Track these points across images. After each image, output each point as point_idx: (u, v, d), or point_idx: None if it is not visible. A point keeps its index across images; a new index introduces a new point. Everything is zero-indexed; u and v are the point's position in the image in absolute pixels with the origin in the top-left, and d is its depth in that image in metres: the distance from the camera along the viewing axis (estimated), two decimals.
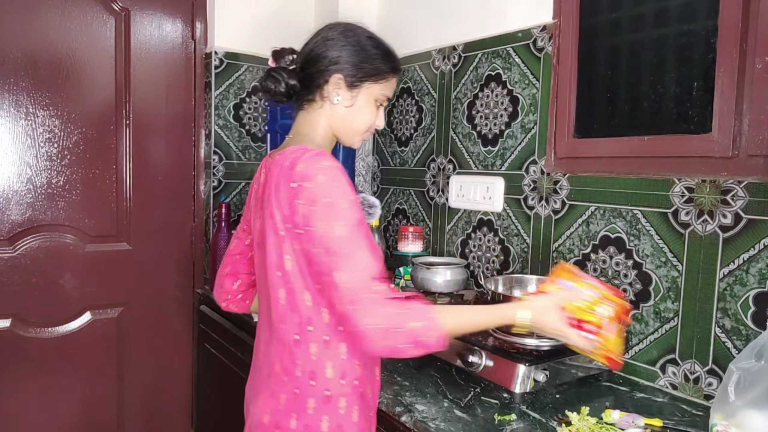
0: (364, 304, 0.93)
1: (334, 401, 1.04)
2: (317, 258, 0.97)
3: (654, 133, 1.41)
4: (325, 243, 0.96)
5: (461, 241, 1.98)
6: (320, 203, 0.97)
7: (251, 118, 2.36)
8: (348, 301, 0.93)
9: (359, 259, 0.96)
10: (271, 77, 1.15)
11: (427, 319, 0.94)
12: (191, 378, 2.36)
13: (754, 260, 1.22)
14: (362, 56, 1.14)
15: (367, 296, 0.93)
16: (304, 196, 0.98)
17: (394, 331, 0.92)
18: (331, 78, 1.12)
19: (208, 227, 2.31)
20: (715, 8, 1.28)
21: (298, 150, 1.05)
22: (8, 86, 1.93)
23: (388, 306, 0.93)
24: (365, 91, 1.15)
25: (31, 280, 2.00)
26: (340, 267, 0.95)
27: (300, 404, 1.04)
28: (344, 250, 0.95)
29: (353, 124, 1.17)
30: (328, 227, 0.96)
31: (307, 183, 0.99)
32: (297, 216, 0.99)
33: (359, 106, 1.16)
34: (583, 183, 1.56)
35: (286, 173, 1.02)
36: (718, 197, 1.27)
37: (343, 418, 1.05)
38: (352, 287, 0.94)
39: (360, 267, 0.95)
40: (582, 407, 1.17)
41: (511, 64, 1.78)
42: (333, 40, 1.13)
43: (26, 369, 2.01)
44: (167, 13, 2.20)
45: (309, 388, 1.04)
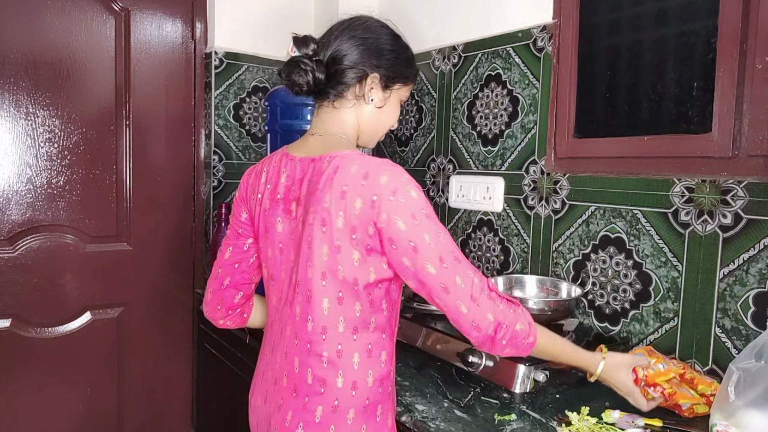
0: (483, 300, 0.96)
1: (372, 409, 1.03)
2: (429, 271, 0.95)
3: (654, 133, 1.41)
4: (437, 253, 0.95)
5: (461, 242, 1.98)
6: (420, 216, 0.95)
7: (251, 118, 2.37)
8: (470, 299, 0.95)
9: (465, 262, 0.98)
10: (299, 67, 1.06)
11: (529, 325, 0.99)
12: (191, 378, 2.37)
13: (754, 260, 1.22)
14: (399, 55, 1.12)
15: (485, 293, 0.97)
16: (398, 211, 0.95)
17: (505, 327, 0.96)
18: (369, 76, 1.09)
19: (208, 227, 2.31)
20: (715, 8, 1.28)
21: (361, 157, 1.00)
22: (8, 86, 1.93)
23: (502, 303, 0.98)
24: (396, 93, 1.14)
25: (32, 280, 2.00)
26: (455, 272, 0.96)
27: (340, 416, 1.01)
28: (453, 255, 0.97)
29: (381, 124, 1.15)
30: (434, 237, 0.95)
31: (400, 197, 0.95)
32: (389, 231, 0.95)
33: (389, 107, 1.14)
34: (583, 183, 1.56)
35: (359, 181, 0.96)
36: (718, 197, 1.27)
37: (379, 426, 1.03)
38: (469, 287, 0.96)
39: (469, 267, 0.97)
40: (582, 407, 1.17)
41: (511, 64, 1.78)
42: (365, 38, 1.10)
43: (26, 369, 2.01)
44: (167, 13, 2.20)
45: (350, 399, 1.01)
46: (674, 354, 1.36)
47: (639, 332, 1.44)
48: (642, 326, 1.43)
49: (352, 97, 1.10)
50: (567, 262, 1.62)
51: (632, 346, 1.45)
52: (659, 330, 1.39)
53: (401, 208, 0.94)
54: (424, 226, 0.95)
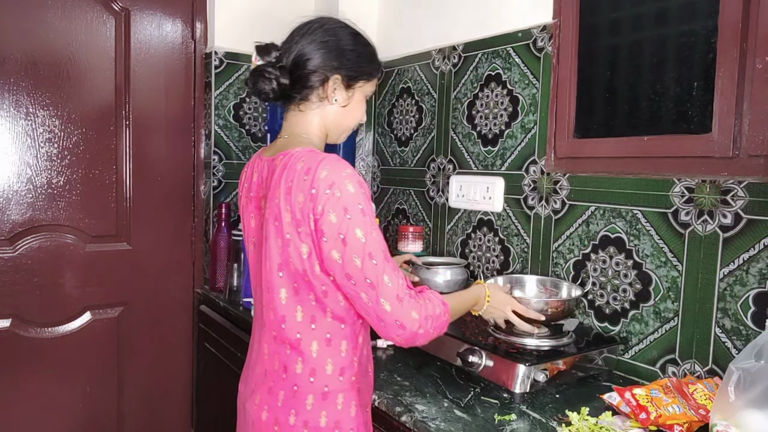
0: (407, 300, 1.01)
1: (332, 397, 1.07)
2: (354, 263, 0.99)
3: (654, 134, 1.41)
4: (366, 249, 0.99)
5: (461, 241, 1.98)
6: (354, 211, 0.99)
7: (251, 118, 2.37)
8: (396, 299, 1.00)
9: (392, 261, 1.03)
10: (263, 76, 1.11)
11: (443, 303, 1.07)
12: (191, 378, 2.36)
13: (754, 260, 1.22)
14: (361, 54, 1.16)
15: (408, 293, 1.03)
16: (333, 204, 0.98)
17: (430, 318, 1.03)
18: (330, 78, 1.12)
19: (208, 227, 2.31)
20: (715, 8, 1.28)
21: (310, 153, 1.04)
22: (8, 86, 1.93)
23: (420, 299, 1.04)
24: (359, 90, 1.18)
25: (32, 280, 2.01)
26: (384, 270, 1.00)
27: (299, 400, 1.07)
28: (382, 254, 1.01)
29: (347, 122, 1.20)
30: (366, 233, 0.99)
31: (336, 191, 0.99)
32: (323, 223, 0.99)
33: (353, 104, 1.18)
34: (583, 183, 1.56)
35: (302, 177, 1.01)
36: (718, 197, 1.27)
37: (341, 414, 1.07)
38: (395, 287, 1.01)
39: (394, 267, 1.02)
40: (582, 407, 1.17)
41: (511, 64, 1.78)
42: (325, 41, 1.12)
43: (26, 369, 2.02)
44: (167, 13, 2.20)
45: (308, 385, 1.07)
46: (674, 354, 1.36)
47: (639, 332, 1.44)
48: (642, 326, 1.43)
49: (317, 99, 1.14)
50: (567, 262, 1.62)
51: (632, 345, 1.45)
52: (659, 330, 1.39)
53: (335, 202, 0.98)
54: (356, 221, 0.99)
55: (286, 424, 1.07)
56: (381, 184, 2.40)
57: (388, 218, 2.35)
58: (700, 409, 1.12)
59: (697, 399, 1.15)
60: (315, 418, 1.06)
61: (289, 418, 1.07)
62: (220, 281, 2.16)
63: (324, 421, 1.06)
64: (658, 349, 1.40)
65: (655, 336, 1.41)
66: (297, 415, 1.06)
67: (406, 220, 2.25)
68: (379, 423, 1.28)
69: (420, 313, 1.02)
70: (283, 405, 1.08)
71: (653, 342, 1.41)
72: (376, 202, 2.43)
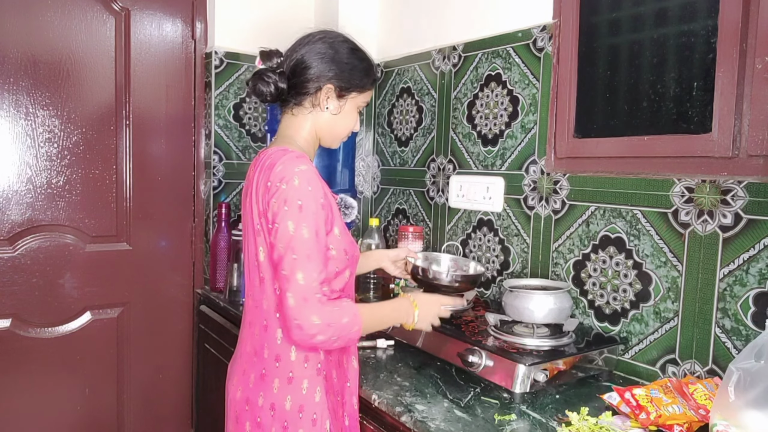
0: (313, 303, 1.05)
1: (297, 382, 1.13)
2: (279, 252, 1.07)
3: (654, 133, 1.41)
4: (290, 242, 1.06)
5: (461, 241, 1.98)
6: (292, 204, 1.07)
7: (251, 118, 2.36)
8: (301, 298, 1.05)
9: (316, 262, 1.07)
10: (262, 79, 1.20)
11: (354, 315, 1.10)
12: (191, 378, 2.36)
13: (754, 260, 1.22)
14: (355, 67, 1.23)
15: (317, 297, 1.06)
16: (278, 195, 1.08)
17: (332, 326, 1.06)
18: (323, 87, 1.20)
19: (208, 227, 2.31)
20: (715, 8, 1.28)
21: (279, 151, 1.14)
22: (8, 86, 1.93)
23: (328, 305, 1.07)
24: (351, 101, 1.25)
25: (31, 280, 2.00)
26: (300, 266, 1.06)
27: (267, 383, 1.15)
28: (306, 252, 1.06)
29: (338, 130, 1.27)
30: (296, 228, 1.07)
31: (283, 184, 1.08)
32: (269, 212, 1.09)
33: (345, 114, 1.25)
34: (583, 183, 1.56)
35: (265, 172, 1.12)
36: (718, 197, 1.27)
37: (305, 398, 1.13)
38: (306, 287, 1.05)
39: (314, 269, 1.07)
40: (582, 407, 1.17)
41: (511, 64, 1.78)
42: (323, 53, 1.20)
43: (26, 369, 2.01)
44: (167, 13, 2.20)
45: (274, 369, 1.14)
46: (674, 354, 1.36)
47: (639, 332, 1.44)
48: (642, 326, 1.43)
49: (310, 105, 1.23)
50: (567, 262, 1.62)
51: (632, 346, 1.45)
52: (659, 330, 1.39)
53: (280, 194, 1.08)
54: (291, 214, 1.07)
55: (255, 404, 1.15)
56: (381, 184, 2.40)
57: (388, 218, 2.35)
58: (700, 409, 1.12)
59: (697, 399, 1.15)
60: (281, 400, 1.13)
61: (258, 399, 1.15)
62: (220, 281, 2.16)
63: (289, 404, 1.13)
64: (658, 349, 1.40)
65: (655, 336, 1.41)
66: (265, 397, 1.14)
67: (406, 220, 2.25)
68: (379, 423, 1.28)
69: (323, 318, 1.05)
70: (253, 386, 1.17)
71: (653, 342, 1.41)
72: (376, 202, 2.43)
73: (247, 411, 1.17)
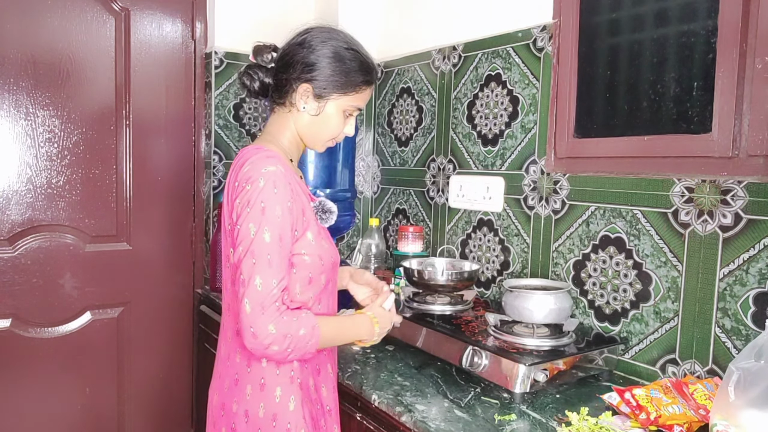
0: (271, 312, 1.01)
1: (270, 390, 1.10)
2: (239, 255, 1.04)
3: (654, 133, 1.41)
4: (250, 245, 1.02)
5: (461, 241, 1.98)
6: (255, 206, 1.03)
7: (251, 118, 2.36)
8: (258, 305, 1.00)
9: (276, 269, 1.02)
10: (247, 74, 1.20)
11: (313, 327, 1.05)
12: (191, 378, 2.36)
13: (754, 260, 1.22)
14: (334, 68, 1.15)
15: (275, 305, 1.02)
16: (242, 196, 1.05)
17: (288, 337, 1.02)
18: (299, 87, 1.15)
19: (208, 227, 2.31)
20: (715, 8, 1.28)
21: (253, 150, 1.11)
22: (8, 86, 1.93)
23: (285, 315, 1.03)
24: (332, 102, 1.17)
25: (31, 280, 2.00)
26: (259, 271, 1.01)
27: (240, 389, 1.12)
28: (265, 257, 1.02)
29: (319, 132, 1.20)
30: (257, 230, 1.03)
31: (248, 184, 1.05)
32: (234, 213, 1.07)
33: (325, 116, 1.18)
34: (583, 183, 1.56)
35: (236, 171, 1.10)
36: (718, 197, 1.27)
37: (279, 407, 1.10)
38: (264, 293, 1.01)
39: (274, 275, 1.02)
40: (582, 407, 1.17)
41: (511, 64, 1.78)
42: (309, 47, 1.15)
43: (26, 369, 2.01)
44: (167, 13, 2.20)
45: (246, 375, 1.12)
46: (674, 354, 1.36)
47: (639, 332, 1.44)
48: (642, 326, 1.43)
49: (288, 103, 1.18)
50: (567, 262, 1.62)
51: (632, 345, 1.45)
52: (659, 330, 1.39)
53: (244, 194, 1.05)
54: (253, 216, 1.03)
55: (230, 410, 1.13)
56: (381, 184, 2.40)
57: (388, 218, 2.35)
58: (700, 409, 1.12)
59: (697, 399, 1.15)
60: (254, 408, 1.10)
61: (233, 405, 1.13)
62: (220, 281, 2.16)
63: (262, 412, 1.10)
64: (658, 349, 1.40)
65: (655, 336, 1.41)
66: (238, 403, 1.12)
67: (406, 220, 2.25)
68: (379, 423, 1.28)
69: (279, 329, 1.01)
70: (228, 391, 1.15)
71: (653, 342, 1.41)
72: (376, 202, 2.43)
73: (223, 416, 1.15)
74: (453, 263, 1.79)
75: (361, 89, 1.18)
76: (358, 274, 1.40)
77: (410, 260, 1.77)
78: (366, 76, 1.18)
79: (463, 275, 1.64)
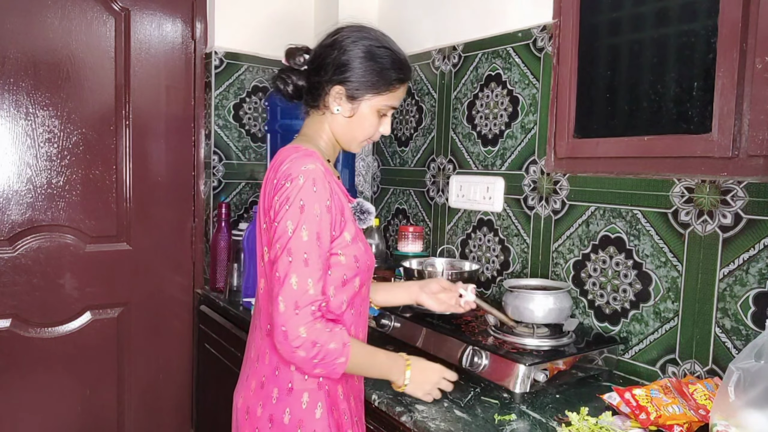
0: (305, 314, 0.99)
1: (297, 395, 1.08)
2: (276, 252, 1.03)
3: (654, 134, 1.41)
4: (288, 243, 1.01)
5: (461, 241, 1.98)
6: (294, 203, 1.02)
7: (251, 118, 2.36)
8: (293, 305, 0.99)
9: (313, 268, 1.01)
10: (281, 78, 1.19)
11: (344, 345, 1.03)
12: (191, 378, 2.36)
13: (754, 260, 1.22)
14: (366, 68, 1.12)
15: (310, 308, 1.00)
16: (281, 193, 1.04)
17: (317, 345, 1.00)
18: (332, 89, 1.13)
19: (208, 227, 2.31)
20: (715, 8, 1.28)
21: (291, 149, 1.10)
22: (8, 86, 1.93)
23: (320, 322, 1.01)
24: (366, 103, 1.15)
25: (31, 280, 2.00)
26: (295, 269, 1.00)
27: (266, 393, 1.10)
28: (302, 255, 1.01)
29: (354, 134, 1.18)
30: (296, 228, 1.01)
31: (287, 182, 1.04)
32: (272, 210, 1.05)
33: (360, 117, 1.16)
34: (583, 183, 1.56)
35: (275, 170, 1.09)
36: (718, 197, 1.27)
37: (305, 414, 1.07)
38: (300, 292, 1.00)
39: (310, 275, 1.01)
40: (582, 407, 1.17)
41: (511, 64, 1.78)
42: (340, 48, 1.13)
43: (26, 369, 2.01)
44: (167, 13, 2.20)
45: (274, 378, 1.09)
46: (674, 354, 1.36)
47: (639, 332, 1.44)
48: (642, 326, 1.43)
49: (322, 106, 1.17)
50: (567, 263, 1.62)
51: (632, 346, 1.45)
52: (659, 330, 1.39)
53: (283, 191, 1.04)
54: (292, 213, 1.02)
55: (254, 414, 1.11)
56: (381, 184, 2.40)
57: (388, 218, 2.35)
58: (700, 409, 1.12)
59: (697, 399, 1.15)
60: (279, 413, 1.08)
61: (257, 409, 1.10)
62: (220, 281, 2.16)
63: (288, 418, 1.07)
64: (658, 349, 1.40)
65: (655, 336, 1.41)
66: (264, 407, 1.09)
67: (406, 220, 2.25)
68: (379, 423, 1.28)
69: (311, 335, 0.99)
70: (254, 394, 1.12)
71: (653, 342, 1.41)
72: (376, 202, 2.43)
73: (247, 421, 1.12)
74: (453, 263, 1.79)
75: (395, 88, 1.16)
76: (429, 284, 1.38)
77: (410, 260, 1.78)
78: (399, 74, 1.15)
79: (463, 275, 1.64)
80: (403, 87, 1.18)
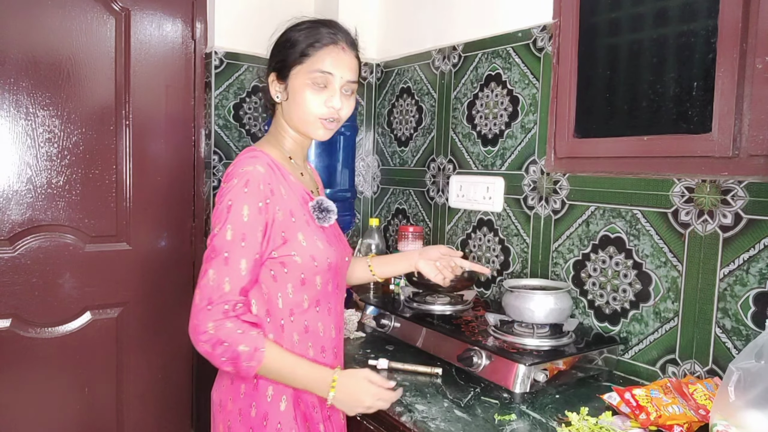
0: (216, 311, 1.01)
1: (263, 389, 1.11)
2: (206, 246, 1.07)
3: (654, 133, 1.41)
4: (212, 240, 1.05)
5: (461, 241, 1.98)
6: (223, 203, 1.05)
7: (251, 118, 2.36)
8: (206, 299, 1.02)
9: (232, 268, 1.02)
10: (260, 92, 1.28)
11: (256, 349, 1.02)
12: (191, 378, 2.36)
13: (754, 260, 1.22)
14: (285, 42, 1.16)
15: (221, 306, 1.01)
16: (219, 193, 1.08)
17: (224, 344, 1.01)
18: (270, 81, 1.18)
19: (208, 227, 2.31)
20: (715, 8, 1.28)
21: (245, 151, 1.14)
22: (8, 86, 1.93)
23: (231, 321, 1.02)
24: (294, 78, 1.13)
25: (31, 280, 2.00)
26: (213, 266, 1.03)
27: (235, 387, 1.14)
28: (223, 254, 1.03)
29: (299, 114, 1.14)
30: (221, 227, 1.04)
31: (224, 182, 1.08)
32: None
33: (293, 93, 1.13)
34: (583, 183, 1.56)
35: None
36: (718, 197, 1.27)
37: (269, 406, 1.11)
38: (214, 288, 1.02)
39: (228, 274, 1.02)
40: (582, 407, 1.17)
41: (511, 64, 1.78)
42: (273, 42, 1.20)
43: (26, 369, 2.01)
44: (167, 13, 2.20)
45: None
46: (674, 354, 1.36)
47: (639, 332, 1.44)
48: (642, 326, 1.43)
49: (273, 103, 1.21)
50: (567, 262, 1.62)
51: (632, 346, 1.45)
52: (659, 330, 1.39)
53: (220, 191, 1.08)
54: (219, 212, 1.05)
55: (226, 407, 1.15)
56: (381, 184, 2.40)
57: (388, 218, 2.35)
58: (700, 409, 1.12)
59: (697, 399, 1.15)
60: (246, 406, 1.12)
61: (228, 403, 1.14)
62: None
63: (254, 411, 1.11)
64: (658, 350, 1.40)
65: (655, 336, 1.41)
66: (233, 401, 1.13)
67: (406, 220, 2.25)
68: (378, 423, 1.28)
69: (218, 332, 1.00)
70: (225, 389, 1.16)
71: (653, 342, 1.41)
72: (376, 202, 2.43)
73: (221, 413, 1.16)
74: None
75: (314, 50, 1.11)
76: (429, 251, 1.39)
77: None
78: (316, 35, 1.12)
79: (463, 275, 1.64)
80: (327, 49, 1.12)
